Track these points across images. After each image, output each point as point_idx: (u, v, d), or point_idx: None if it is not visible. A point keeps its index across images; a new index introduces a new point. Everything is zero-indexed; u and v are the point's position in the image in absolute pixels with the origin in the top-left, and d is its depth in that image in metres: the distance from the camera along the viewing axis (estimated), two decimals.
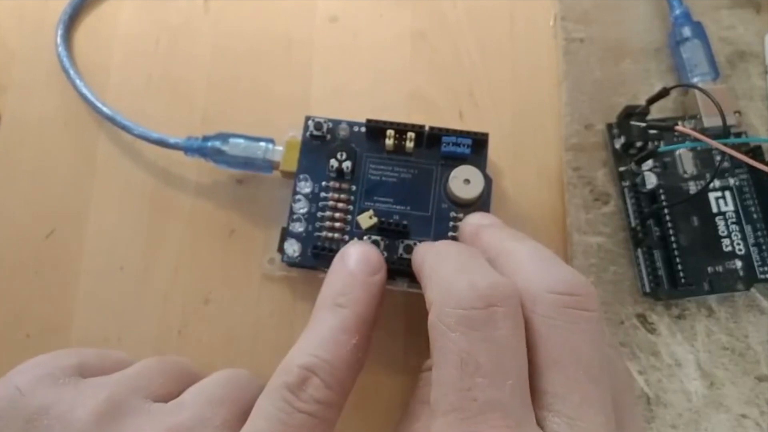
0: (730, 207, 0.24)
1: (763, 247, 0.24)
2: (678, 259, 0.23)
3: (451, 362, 0.16)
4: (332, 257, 0.21)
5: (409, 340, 0.24)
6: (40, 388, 0.18)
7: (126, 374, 0.19)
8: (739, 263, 0.24)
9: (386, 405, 0.23)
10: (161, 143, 0.25)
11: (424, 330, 0.17)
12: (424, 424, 0.18)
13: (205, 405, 0.18)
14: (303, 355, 0.18)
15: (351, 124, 0.24)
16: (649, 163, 0.25)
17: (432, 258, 0.19)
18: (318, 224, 0.23)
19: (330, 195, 0.23)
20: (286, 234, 0.23)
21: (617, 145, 0.25)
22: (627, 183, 0.25)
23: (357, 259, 0.20)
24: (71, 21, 0.28)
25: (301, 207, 0.23)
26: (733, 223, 0.24)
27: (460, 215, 0.23)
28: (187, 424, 0.17)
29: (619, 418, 0.17)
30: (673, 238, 0.24)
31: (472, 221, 0.22)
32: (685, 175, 0.25)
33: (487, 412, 0.15)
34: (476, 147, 0.23)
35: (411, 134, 0.23)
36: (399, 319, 0.24)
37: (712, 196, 0.24)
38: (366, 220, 0.23)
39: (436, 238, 0.23)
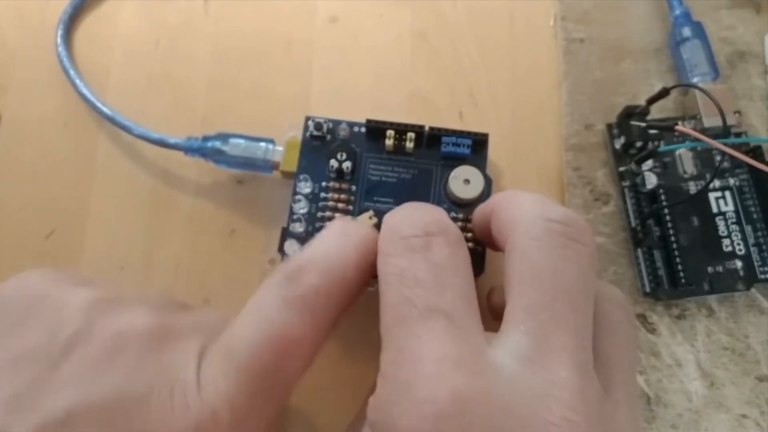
0: (730, 207, 0.24)
1: (763, 247, 0.24)
2: (678, 259, 0.23)
3: (392, 283, 0.16)
4: None
5: None
6: (44, 281, 0.18)
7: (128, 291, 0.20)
8: (739, 263, 0.24)
9: None
10: (161, 143, 0.25)
11: None
12: None
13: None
14: (299, 258, 0.18)
15: (351, 124, 0.24)
16: (649, 163, 0.25)
17: (385, 221, 0.19)
18: (318, 224, 0.23)
19: (330, 195, 0.23)
20: (286, 234, 0.23)
21: (617, 145, 0.25)
22: (627, 183, 0.25)
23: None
24: (71, 21, 0.28)
25: (301, 207, 0.23)
26: (733, 223, 0.24)
27: (460, 215, 0.23)
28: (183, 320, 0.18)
29: (606, 370, 0.16)
30: (673, 238, 0.24)
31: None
32: (685, 175, 0.25)
33: (428, 318, 0.15)
34: (476, 147, 0.23)
35: (411, 134, 0.23)
36: None
37: (712, 196, 0.24)
38: (366, 220, 0.23)
39: None
